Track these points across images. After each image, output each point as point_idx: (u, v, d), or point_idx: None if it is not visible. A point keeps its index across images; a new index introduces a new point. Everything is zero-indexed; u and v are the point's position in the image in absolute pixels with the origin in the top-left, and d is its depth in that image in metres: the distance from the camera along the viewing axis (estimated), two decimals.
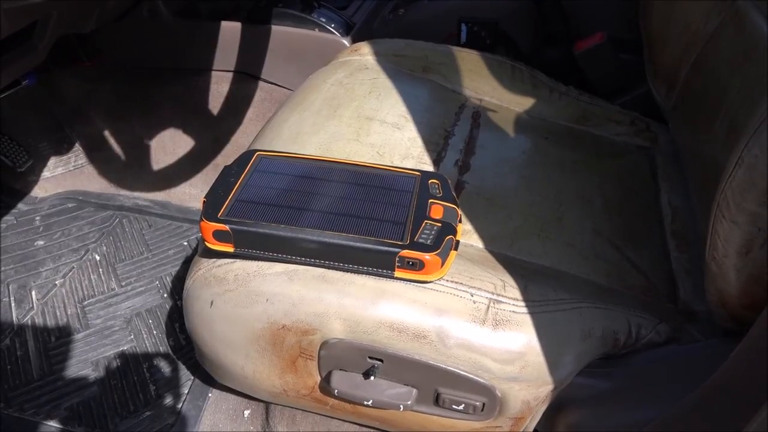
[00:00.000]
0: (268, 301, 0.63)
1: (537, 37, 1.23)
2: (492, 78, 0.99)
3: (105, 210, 1.26)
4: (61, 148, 1.36)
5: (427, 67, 0.99)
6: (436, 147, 0.82)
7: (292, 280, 0.63)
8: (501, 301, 0.61)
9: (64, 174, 1.34)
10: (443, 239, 0.60)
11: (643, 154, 0.91)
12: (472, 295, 0.61)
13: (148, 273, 1.13)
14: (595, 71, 1.12)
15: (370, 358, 0.63)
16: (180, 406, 0.93)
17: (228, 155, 1.32)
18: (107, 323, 1.04)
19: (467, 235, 0.71)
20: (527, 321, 0.61)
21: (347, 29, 1.25)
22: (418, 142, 0.81)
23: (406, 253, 0.59)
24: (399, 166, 0.75)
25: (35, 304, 1.07)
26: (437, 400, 0.64)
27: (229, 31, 1.28)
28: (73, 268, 1.14)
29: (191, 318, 0.70)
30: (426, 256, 0.59)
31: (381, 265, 0.60)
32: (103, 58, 1.39)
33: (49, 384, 0.95)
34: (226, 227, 0.61)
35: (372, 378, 0.63)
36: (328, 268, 0.62)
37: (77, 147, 1.37)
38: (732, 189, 0.52)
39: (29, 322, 1.04)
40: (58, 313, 1.06)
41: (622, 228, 0.77)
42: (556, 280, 0.66)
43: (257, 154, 0.73)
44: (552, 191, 0.79)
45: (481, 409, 0.63)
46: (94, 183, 1.33)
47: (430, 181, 0.69)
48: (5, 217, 1.24)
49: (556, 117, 0.96)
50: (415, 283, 0.61)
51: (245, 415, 0.92)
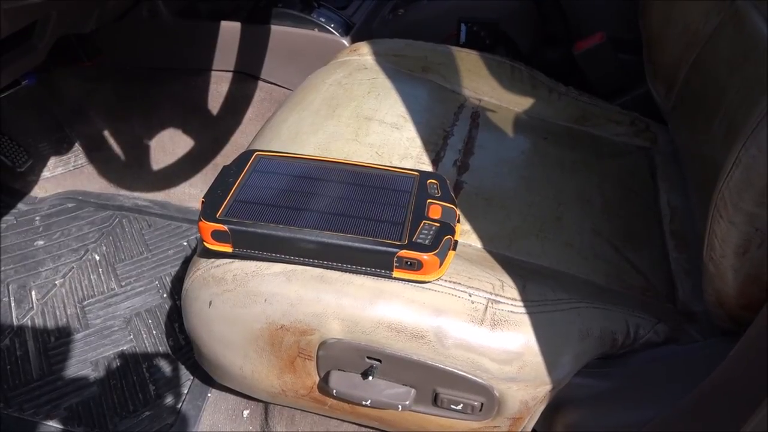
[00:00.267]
0: (266, 302, 0.63)
1: (537, 37, 1.23)
2: (491, 78, 0.99)
3: (105, 210, 1.26)
4: (61, 148, 1.36)
5: (426, 67, 0.99)
6: (434, 147, 0.82)
7: (291, 280, 0.63)
8: (499, 301, 0.61)
9: (64, 174, 1.34)
10: (441, 239, 0.60)
11: (643, 154, 0.91)
12: (470, 295, 0.61)
13: (147, 273, 1.13)
14: (595, 71, 1.12)
15: (369, 358, 0.63)
16: (179, 406, 0.93)
17: (227, 155, 1.32)
18: (107, 323, 1.04)
19: (466, 235, 0.71)
20: (525, 321, 0.61)
21: (347, 29, 1.25)
22: (417, 142, 0.81)
23: (404, 253, 0.59)
24: (398, 166, 0.75)
25: (35, 304, 1.07)
26: (435, 400, 0.64)
27: (229, 31, 1.28)
28: (72, 268, 1.14)
29: (190, 318, 0.70)
30: (424, 256, 0.59)
31: (379, 265, 0.60)
32: (103, 58, 1.40)
33: (48, 384, 0.95)
34: (225, 227, 0.61)
35: (370, 378, 0.63)
36: (327, 268, 0.62)
37: (77, 147, 1.37)
38: (729, 189, 0.52)
39: (29, 322, 1.04)
40: (58, 313, 1.06)
41: (621, 228, 0.76)
42: (554, 280, 0.66)
43: (256, 154, 0.73)
44: (551, 191, 0.79)
45: (480, 409, 0.63)
46: (93, 183, 1.33)
47: (429, 181, 0.69)
48: (5, 217, 1.24)
49: (555, 117, 0.96)
50: (414, 283, 0.61)
51: (244, 415, 0.92)
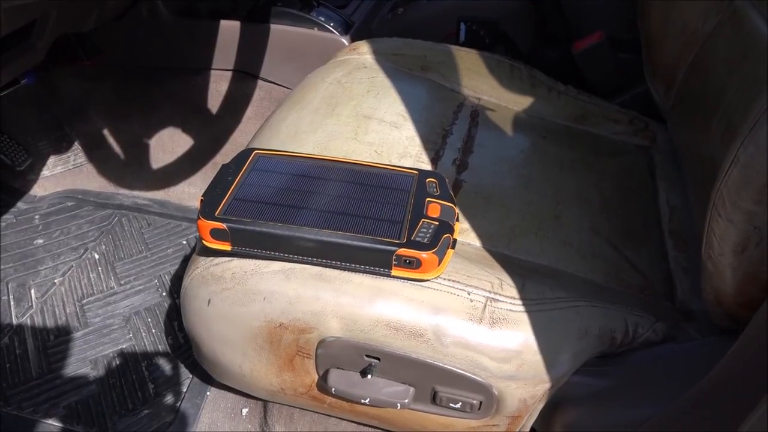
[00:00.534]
0: (265, 300, 0.63)
1: (536, 36, 1.23)
2: (491, 77, 0.99)
3: (104, 209, 1.26)
4: (61, 146, 1.36)
5: (425, 66, 0.99)
6: (434, 146, 0.82)
7: (289, 278, 0.63)
8: (498, 300, 0.61)
9: (64, 173, 1.34)
10: (440, 238, 0.60)
11: (642, 153, 0.91)
12: (469, 294, 0.61)
13: (147, 272, 1.13)
14: (594, 70, 1.12)
15: (367, 356, 0.63)
16: (178, 404, 0.93)
17: (227, 154, 1.32)
18: (106, 322, 1.04)
19: (465, 233, 0.71)
20: (524, 319, 0.61)
21: (346, 28, 1.25)
22: (416, 141, 0.81)
23: (403, 251, 0.59)
24: (397, 164, 0.75)
25: (34, 303, 1.07)
26: (434, 399, 0.64)
27: (228, 30, 1.28)
28: (72, 266, 1.14)
29: (189, 316, 0.70)
30: (423, 255, 0.59)
31: (378, 263, 0.60)
32: (103, 57, 1.40)
33: (47, 382, 0.95)
34: (224, 225, 0.61)
35: (369, 376, 0.63)
36: (326, 266, 0.62)
37: (76, 146, 1.37)
38: (728, 187, 0.52)
39: (28, 320, 1.04)
40: (57, 312, 1.06)
41: (620, 227, 0.77)
42: (553, 278, 0.66)
43: (255, 152, 0.73)
44: (550, 190, 0.79)
45: (478, 408, 0.63)
46: (93, 182, 1.33)
47: (428, 179, 0.69)
48: (4, 216, 1.24)
49: (554, 116, 0.96)
50: (412, 282, 0.61)
51: (243, 414, 0.92)
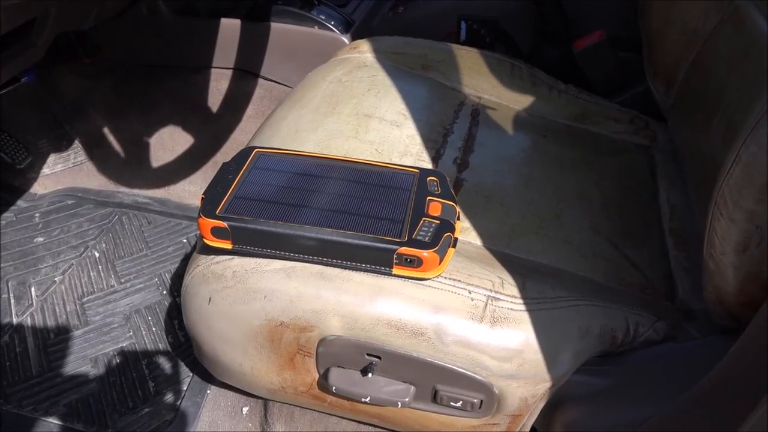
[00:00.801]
0: (266, 298, 0.63)
1: (536, 35, 1.23)
2: (491, 76, 0.99)
3: (104, 207, 1.26)
4: (61, 145, 1.36)
5: (426, 64, 0.99)
6: (434, 144, 0.82)
7: (290, 277, 0.63)
8: (499, 299, 0.61)
9: (64, 171, 1.34)
10: (441, 236, 0.60)
11: (642, 152, 0.91)
12: (470, 293, 0.61)
13: (147, 270, 1.13)
14: (594, 69, 1.12)
15: (368, 355, 0.63)
16: (178, 403, 0.93)
17: (227, 152, 1.32)
18: (106, 320, 1.04)
19: (465, 232, 0.71)
20: (525, 318, 0.61)
21: (347, 27, 1.25)
22: (417, 140, 0.81)
23: (404, 250, 0.59)
24: (397, 163, 0.75)
25: (34, 301, 1.07)
26: (435, 398, 0.64)
27: (229, 28, 1.28)
28: (72, 265, 1.14)
29: (189, 315, 0.70)
30: (424, 253, 0.59)
31: (379, 262, 0.60)
32: (103, 56, 1.39)
33: (47, 381, 0.95)
34: (224, 224, 0.61)
35: (370, 375, 0.63)
36: (326, 265, 0.62)
37: (76, 144, 1.37)
38: (729, 186, 0.52)
39: (28, 318, 1.04)
40: (57, 310, 1.06)
41: (621, 226, 0.77)
42: (554, 277, 0.66)
43: (256, 151, 0.73)
44: (551, 189, 0.79)
45: (479, 407, 0.63)
46: (93, 180, 1.33)
47: (429, 178, 0.69)
48: (4, 214, 1.24)
49: (555, 115, 0.96)
50: (413, 280, 0.61)
51: (243, 412, 0.92)
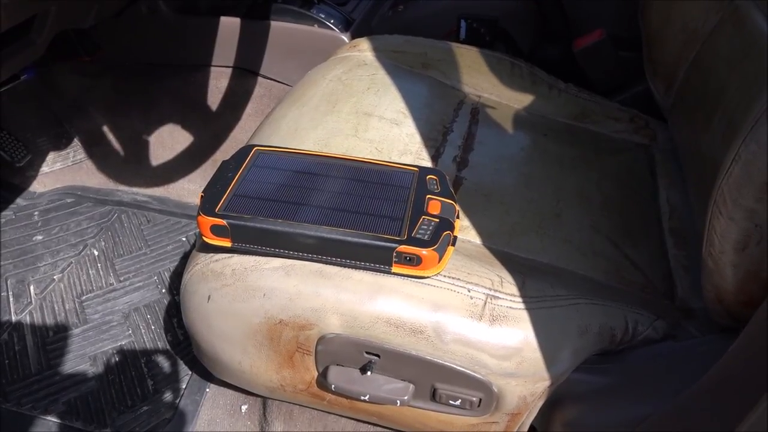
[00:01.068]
0: (265, 296, 0.63)
1: (536, 34, 1.23)
2: (491, 75, 0.99)
3: (103, 205, 1.26)
4: (60, 143, 1.36)
5: (426, 63, 0.99)
6: (434, 143, 0.82)
7: (290, 275, 0.63)
8: (498, 297, 0.61)
9: (63, 169, 1.34)
10: (440, 235, 0.60)
11: (642, 151, 0.91)
12: (469, 291, 0.61)
13: (146, 268, 1.13)
14: (595, 68, 1.12)
15: (367, 353, 0.63)
16: (177, 401, 0.93)
17: (226, 151, 1.32)
18: (105, 318, 1.04)
19: (465, 231, 0.71)
20: (524, 317, 0.61)
21: (346, 25, 1.25)
22: (417, 138, 0.81)
23: (403, 248, 0.59)
24: (397, 161, 0.75)
25: (33, 299, 1.07)
26: (434, 396, 0.64)
27: (228, 26, 1.28)
28: (71, 263, 1.14)
29: (188, 313, 0.70)
30: (423, 252, 0.59)
31: (378, 260, 0.60)
32: (102, 54, 1.39)
33: (46, 379, 0.95)
34: (224, 222, 0.61)
35: (369, 373, 0.63)
36: (326, 263, 0.62)
37: (76, 142, 1.37)
38: (729, 185, 0.52)
39: (27, 316, 1.04)
40: (57, 308, 1.06)
41: (621, 225, 0.77)
42: (553, 276, 0.66)
43: (255, 149, 0.72)
44: (550, 188, 0.79)
45: (478, 405, 0.63)
46: (92, 178, 1.33)
47: (428, 176, 0.69)
48: (4, 212, 1.24)
49: (555, 114, 0.96)
50: (413, 279, 0.61)
51: (242, 410, 0.92)
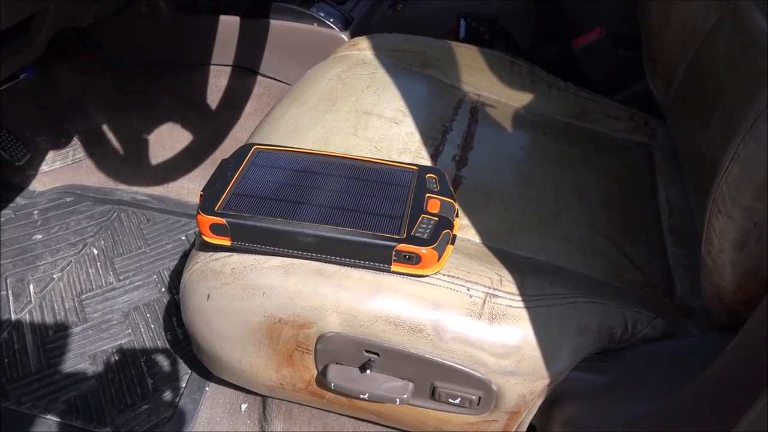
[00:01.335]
0: (264, 295, 0.63)
1: (536, 33, 1.23)
2: (491, 73, 0.99)
3: (103, 204, 1.26)
4: (60, 142, 1.36)
5: (425, 62, 0.99)
6: (433, 142, 0.82)
7: (289, 273, 0.63)
8: (497, 296, 0.61)
9: (63, 168, 1.34)
10: (440, 233, 0.60)
11: (642, 150, 0.91)
12: (468, 290, 0.61)
13: (146, 267, 1.13)
14: (594, 67, 1.12)
15: (367, 351, 0.63)
16: (177, 399, 0.93)
17: (226, 150, 1.32)
18: (105, 317, 1.04)
19: (464, 229, 0.71)
20: (523, 315, 0.61)
21: (346, 24, 1.25)
22: (416, 137, 0.81)
23: (402, 247, 0.59)
24: (396, 160, 0.75)
25: (33, 298, 1.07)
26: (433, 394, 0.64)
27: (228, 25, 1.28)
28: (71, 262, 1.14)
29: (188, 311, 0.70)
30: (422, 250, 0.59)
31: (378, 258, 0.60)
32: (102, 53, 1.39)
33: (46, 377, 0.95)
34: (223, 220, 0.61)
35: (368, 372, 0.63)
36: (325, 261, 0.63)
37: (75, 141, 1.37)
38: (728, 183, 0.52)
39: (27, 315, 1.04)
40: (56, 307, 1.06)
41: (620, 224, 0.77)
42: (553, 275, 0.66)
43: (255, 147, 0.72)
44: (550, 186, 0.79)
45: (477, 403, 0.63)
46: (92, 177, 1.33)
47: (428, 175, 0.69)
48: (3, 211, 1.24)
49: (554, 112, 0.96)
50: (412, 277, 0.62)
51: (242, 409, 0.92)
